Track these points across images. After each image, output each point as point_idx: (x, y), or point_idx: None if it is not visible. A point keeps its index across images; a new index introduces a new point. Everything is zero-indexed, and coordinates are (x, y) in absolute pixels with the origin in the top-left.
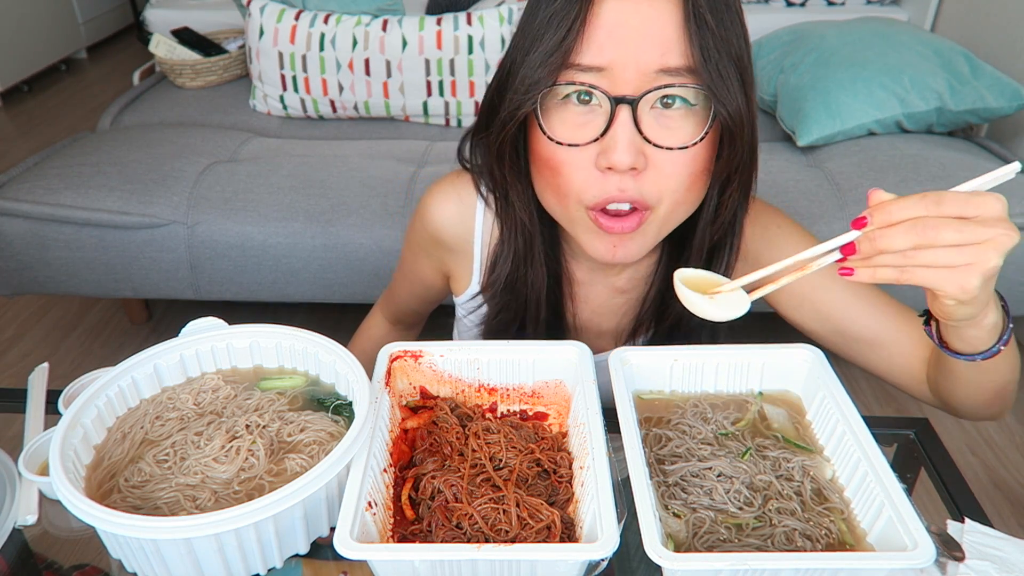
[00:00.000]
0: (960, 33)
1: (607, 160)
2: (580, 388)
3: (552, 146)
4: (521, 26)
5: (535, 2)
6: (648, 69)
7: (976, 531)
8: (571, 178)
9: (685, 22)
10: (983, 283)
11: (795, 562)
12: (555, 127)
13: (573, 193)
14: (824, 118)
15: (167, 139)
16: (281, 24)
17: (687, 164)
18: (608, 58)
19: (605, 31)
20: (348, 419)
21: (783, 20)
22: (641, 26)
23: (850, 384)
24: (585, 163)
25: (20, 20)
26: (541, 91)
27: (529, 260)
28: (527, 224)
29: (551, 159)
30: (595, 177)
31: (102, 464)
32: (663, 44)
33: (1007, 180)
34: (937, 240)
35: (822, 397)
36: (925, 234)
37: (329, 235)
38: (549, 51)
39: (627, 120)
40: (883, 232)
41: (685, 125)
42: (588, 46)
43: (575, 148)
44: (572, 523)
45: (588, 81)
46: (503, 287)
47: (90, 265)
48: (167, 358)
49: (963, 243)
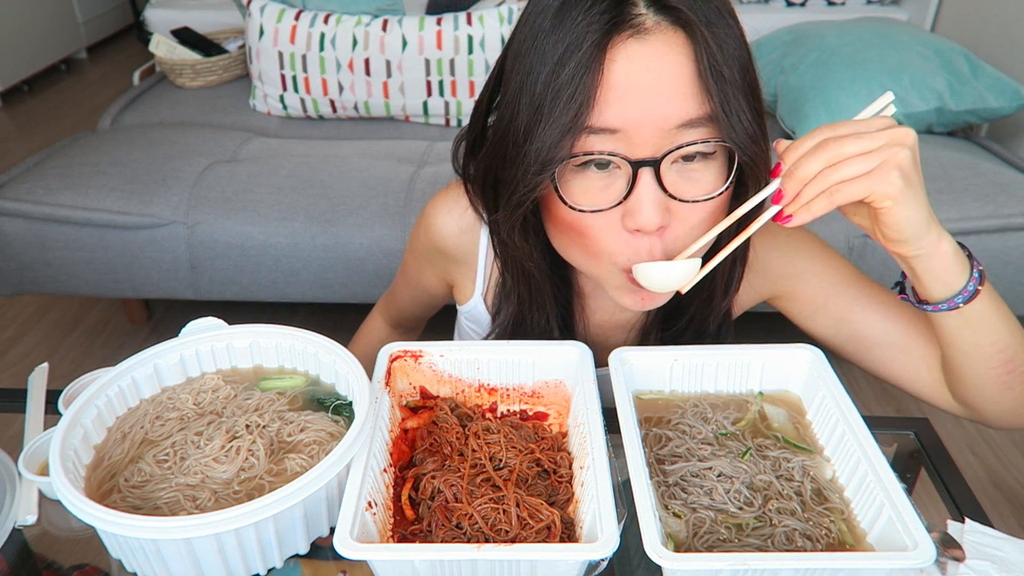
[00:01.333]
0: (960, 33)
1: (634, 223)
2: (580, 388)
3: (574, 213)
4: (517, 86)
5: (531, 61)
6: (667, 126)
7: (976, 531)
8: (600, 240)
9: (700, 74)
10: (903, 178)
11: (795, 562)
12: (575, 195)
13: (605, 255)
14: (824, 118)
15: (167, 139)
16: (281, 24)
17: (711, 211)
18: (624, 120)
19: (617, 94)
20: (348, 419)
21: (783, 20)
22: (655, 84)
23: (850, 384)
24: (612, 225)
25: (20, 20)
26: (558, 166)
27: (537, 306)
28: (535, 276)
29: (576, 225)
30: (624, 239)
31: (102, 464)
32: (678, 99)
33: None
34: (844, 153)
35: (822, 397)
36: (831, 151)
37: (329, 235)
38: (565, 126)
39: (650, 181)
40: (797, 163)
41: (706, 175)
42: (602, 111)
43: (599, 213)
44: (572, 523)
45: (607, 149)
46: (512, 326)
47: (90, 265)
48: (167, 358)
49: (867, 150)
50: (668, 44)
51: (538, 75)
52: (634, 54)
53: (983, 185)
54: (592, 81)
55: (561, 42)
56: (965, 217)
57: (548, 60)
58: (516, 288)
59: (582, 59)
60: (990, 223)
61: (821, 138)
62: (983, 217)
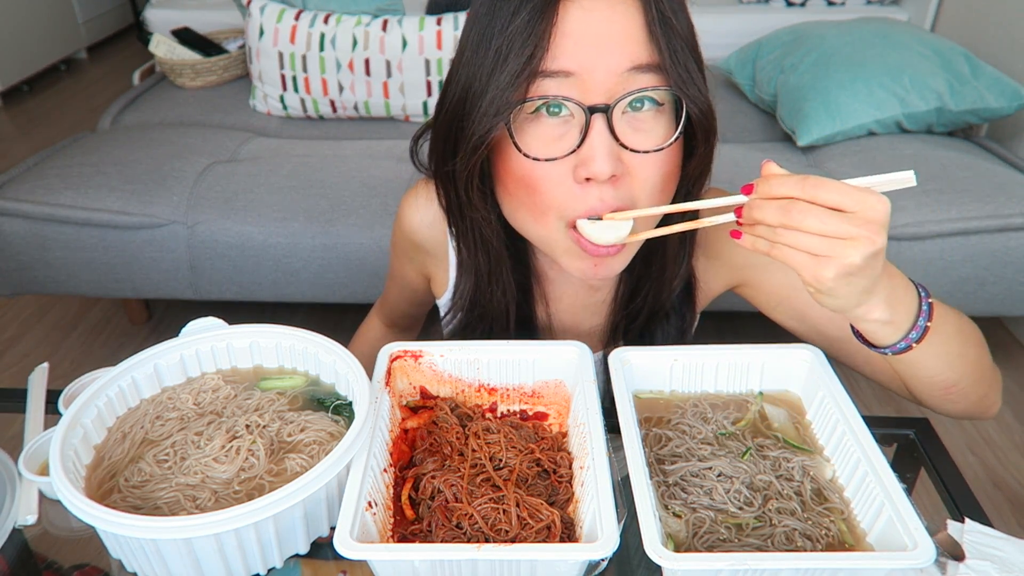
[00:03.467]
0: (960, 33)
1: (587, 171)
2: (580, 388)
3: (527, 163)
4: (473, 46)
5: (487, 20)
6: (618, 70)
7: (976, 531)
8: (550, 194)
9: (649, 23)
10: (839, 278)
11: (795, 562)
12: (529, 143)
13: (553, 209)
14: (824, 118)
15: (167, 139)
16: (281, 24)
17: (661, 165)
18: (577, 63)
19: (572, 39)
20: (348, 419)
21: (783, 20)
22: (607, 31)
23: (850, 384)
24: (563, 177)
25: (20, 20)
26: (513, 108)
27: (496, 279)
28: (493, 244)
29: (527, 176)
30: (575, 190)
31: (102, 464)
32: (630, 45)
33: (905, 187)
34: (800, 224)
35: (822, 397)
36: (791, 215)
37: (329, 235)
38: (518, 69)
39: (603, 129)
40: (760, 203)
41: (656, 127)
42: (555, 55)
43: (552, 163)
44: (572, 523)
45: (560, 92)
46: (468, 306)
47: (90, 265)
48: (167, 358)
49: (825, 234)
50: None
51: (495, 27)
52: (586, 3)
53: (983, 185)
54: (545, 26)
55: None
56: (965, 217)
57: (505, 12)
58: (474, 261)
59: (536, 7)
60: (990, 223)
61: (798, 192)
62: (983, 217)
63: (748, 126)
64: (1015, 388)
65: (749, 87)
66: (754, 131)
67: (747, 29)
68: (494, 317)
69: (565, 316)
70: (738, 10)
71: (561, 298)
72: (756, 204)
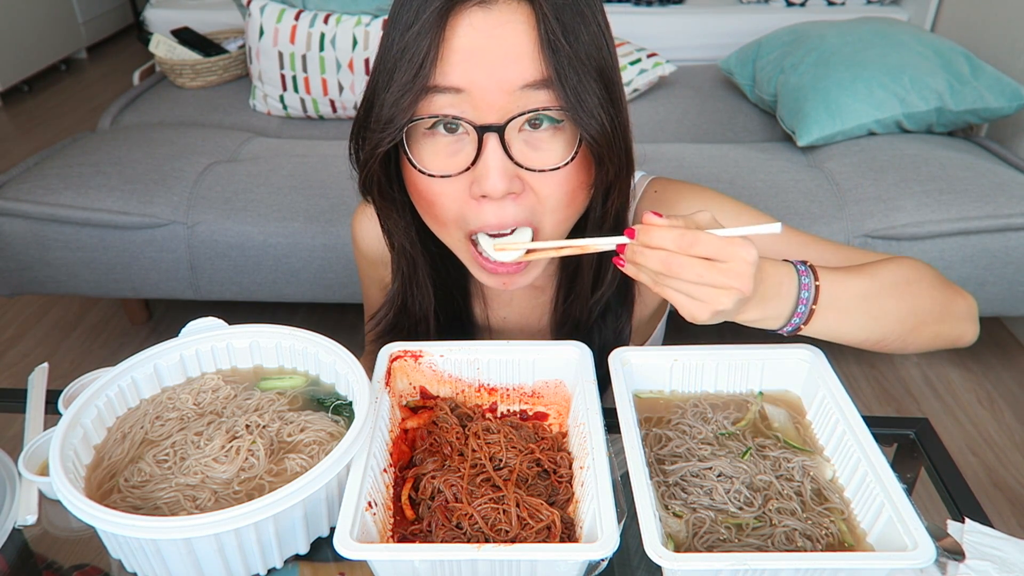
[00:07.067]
0: (960, 33)
1: (480, 189)
2: (580, 388)
3: (424, 178)
4: (377, 57)
5: (388, 35)
6: (510, 88)
7: (976, 531)
8: (447, 208)
9: (541, 40)
10: (712, 316)
11: (795, 562)
12: (425, 158)
13: (452, 222)
14: (824, 118)
15: (167, 139)
16: (281, 24)
17: (562, 183)
18: (468, 80)
19: (461, 55)
20: (348, 419)
21: (783, 20)
22: (498, 47)
23: (850, 384)
24: (459, 192)
25: (20, 20)
26: (401, 126)
27: (415, 281)
28: (408, 248)
29: (425, 191)
30: (471, 206)
31: (102, 464)
32: (521, 62)
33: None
34: (680, 275)
35: (822, 397)
36: (670, 268)
37: (329, 235)
38: (406, 83)
39: (496, 147)
40: (641, 250)
41: (554, 145)
42: (445, 71)
43: (448, 179)
44: (572, 523)
45: (452, 112)
46: (397, 308)
47: (90, 265)
48: (167, 358)
49: (701, 283)
50: (512, 13)
51: (393, 38)
52: (477, 21)
53: (983, 185)
54: (434, 41)
55: (412, 10)
56: (965, 217)
57: (402, 24)
58: (398, 264)
59: (426, 22)
60: (990, 223)
61: (675, 247)
62: (983, 217)
63: (748, 126)
64: (1015, 388)
65: (749, 87)
66: (754, 131)
67: (747, 29)
68: (417, 319)
69: (514, 316)
70: (738, 10)
71: (509, 299)
72: (639, 250)
